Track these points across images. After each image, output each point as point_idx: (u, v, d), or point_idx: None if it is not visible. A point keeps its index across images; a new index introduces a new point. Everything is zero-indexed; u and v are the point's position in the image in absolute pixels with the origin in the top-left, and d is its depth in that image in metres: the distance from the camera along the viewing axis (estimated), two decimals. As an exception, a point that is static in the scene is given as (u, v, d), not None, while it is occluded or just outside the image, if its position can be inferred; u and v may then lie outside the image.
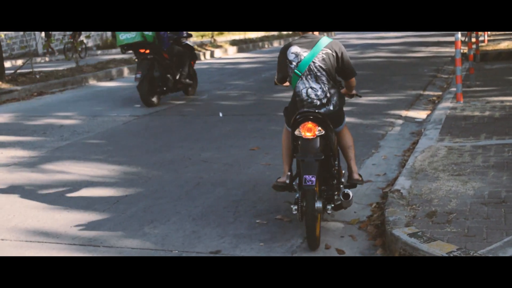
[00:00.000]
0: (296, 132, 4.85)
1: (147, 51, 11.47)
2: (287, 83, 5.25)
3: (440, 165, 6.21)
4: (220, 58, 22.60)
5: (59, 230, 5.39)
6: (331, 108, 5.00)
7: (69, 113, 11.42)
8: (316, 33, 5.10)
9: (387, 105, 10.34)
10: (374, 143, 7.87)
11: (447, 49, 19.38)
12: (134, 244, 5.02)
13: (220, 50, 23.93)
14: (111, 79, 17.13)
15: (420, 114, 9.64)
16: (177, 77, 12.04)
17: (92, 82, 16.52)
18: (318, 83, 4.96)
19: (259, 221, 5.39)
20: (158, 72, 11.62)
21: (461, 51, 10.07)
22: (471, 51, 12.18)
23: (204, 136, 8.88)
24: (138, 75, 11.29)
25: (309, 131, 4.78)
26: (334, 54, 4.97)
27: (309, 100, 4.97)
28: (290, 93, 12.45)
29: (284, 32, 33.13)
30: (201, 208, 5.80)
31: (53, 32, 25.92)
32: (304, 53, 4.95)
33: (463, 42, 16.09)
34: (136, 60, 11.80)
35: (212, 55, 23.13)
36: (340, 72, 5.09)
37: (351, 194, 5.03)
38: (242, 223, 5.38)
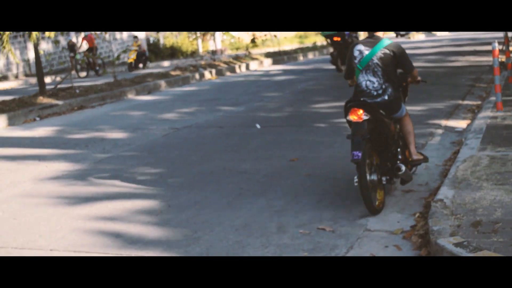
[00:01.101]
0: (347, 117, 5.77)
1: (339, 39, 17.78)
2: (353, 82, 6.15)
3: (483, 174, 6.17)
4: (255, 71, 22.72)
5: (106, 241, 5.48)
6: (386, 98, 5.89)
7: (109, 126, 11.60)
8: (380, 33, 5.99)
9: (426, 115, 10.29)
10: (414, 153, 7.83)
11: (484, 58, 19.19)
12: (179, 254, 5.09)
13: (255, 62, 24.06)
14: (149, 92, 17.34)
15: (460, 124, 9.57)
16: None
17: (131, 96, 16.74)
18: (375, 77, 5.89)
19: (302, 231, 5.42)
20: (345, 51, 16.91)
21: (499, 59, 9.97)
22: (509, 59, 12.06)
23: (243, 147, 8.95)
24: (335, 53, 18.02)
25: (356, 115, 5.66)
26: (391, 54, 5.89)
27: (368, 90, 5.90)
28: (327, 104, 12.47)
29: (319, 44, 33.14)
30: (244, 219, 5.85)
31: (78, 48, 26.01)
32: (366, 51, 5.91)
33: (500, 51, 15.91)
34: (331, 44, 18.46)
35: (247, 68, 23.26)
36: (400, 67, 6.03)
37: (402, 168, 5.89)
38: (285, 233, 5.42)
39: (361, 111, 5.64)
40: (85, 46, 25.00)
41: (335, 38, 18.36)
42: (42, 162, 8.75)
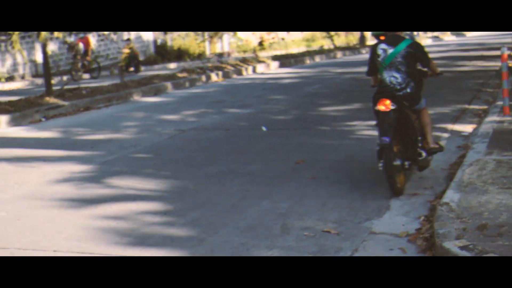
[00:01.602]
0: (375, 107, 6.32)
1: (384, 38, 18.69)
2: (375, 80, 6.75)
3: (489, 178, 6.14)
4: (262, 73, 22.71)
5: (110, 243, 5.47)
6: (409, 90, 6.42)
7: (115, 127, 11.60)
8: (402, 33, 6.57)
9: (432, 119, 10.13)
10: (420, 156, 7.80)
11: (492, 63, 19.15)
12: (183, 256, 5.07)
13: (263, 65, 24.05)
14: (155, 94, 17.34)
15: (466, 128, 9.54)
16: None
17: (137, 97, 16.75)
18: (399, 72, 6.41)
19: (307, 233, 5.40)
20: None
21: (508, 64, 9.93)
22: (517, 64, 11.99)
23: (249, 149, 8.93)
24: None
25: (384, 105, 6.21)
26: (413, 52, 6.43)
27: (392, 85, 6.42)
28: (333, 108, 12.49)
29: (326, 47, 33.14)
30: (249, 221, 5.83)
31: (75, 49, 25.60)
32: (390, 50, 6.48)
33: (509, 56, 15.88)
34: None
35: (254, 70, 23.26)
36: (419, 61, 6.54)
37: (423, 154, 6.51)
38: (290, 235, 5.40)
39: (388, 101, 6.20)
40: (81, 47, 24.52)
41: (381, 37, 20.65)
42: (47, 163, 8.75)
